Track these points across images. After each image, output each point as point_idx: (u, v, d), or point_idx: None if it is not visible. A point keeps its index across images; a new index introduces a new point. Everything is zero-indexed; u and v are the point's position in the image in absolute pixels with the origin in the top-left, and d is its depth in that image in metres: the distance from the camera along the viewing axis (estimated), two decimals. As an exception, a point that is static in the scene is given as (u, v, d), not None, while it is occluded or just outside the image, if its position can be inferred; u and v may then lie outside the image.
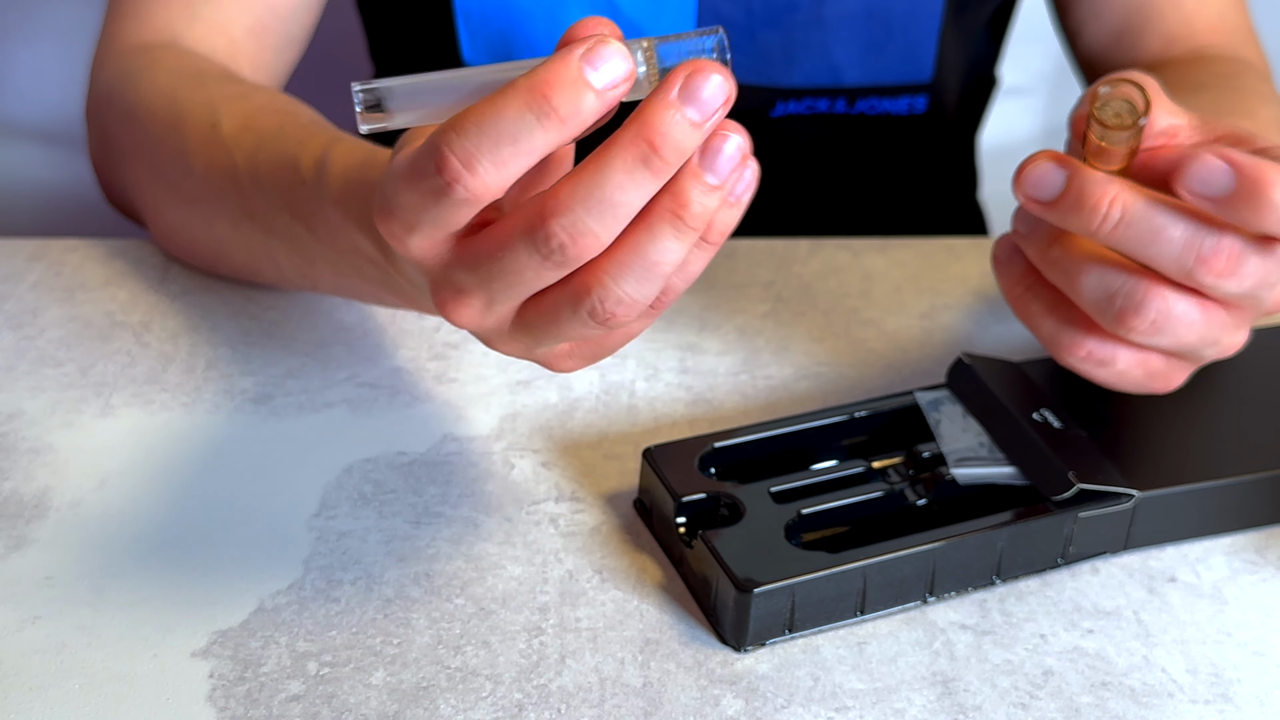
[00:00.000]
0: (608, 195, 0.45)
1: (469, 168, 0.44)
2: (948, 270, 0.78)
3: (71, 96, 1.22)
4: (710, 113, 0.44)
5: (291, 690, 0.54)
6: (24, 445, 0.65)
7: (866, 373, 0.70)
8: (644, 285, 0.47)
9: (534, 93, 0.44)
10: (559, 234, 0.45)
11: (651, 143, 0.44)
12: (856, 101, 0.87)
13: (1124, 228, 0.52)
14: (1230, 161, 0.51)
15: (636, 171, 0.44)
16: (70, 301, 0.74)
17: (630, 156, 0.44)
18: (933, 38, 0.85)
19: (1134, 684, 0.55)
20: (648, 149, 0.44)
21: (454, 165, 0.44)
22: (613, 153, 0.44)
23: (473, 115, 0.44)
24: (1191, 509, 0.61)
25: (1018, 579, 0.59)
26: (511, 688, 0.54)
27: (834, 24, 0.83)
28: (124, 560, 0.59)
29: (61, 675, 0.54)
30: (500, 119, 0.44)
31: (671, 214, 0.46)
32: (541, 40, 0.83)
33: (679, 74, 0.44)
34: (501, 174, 0.45)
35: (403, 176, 0.46)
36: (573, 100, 0.44)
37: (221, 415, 0.67)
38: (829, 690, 0.54)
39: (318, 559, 0.59)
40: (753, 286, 0.76)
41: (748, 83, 0.85)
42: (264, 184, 0.66)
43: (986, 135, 1.03)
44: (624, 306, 0.47)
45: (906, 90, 0.87)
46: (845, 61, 0.85)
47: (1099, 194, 0.52)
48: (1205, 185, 0.51)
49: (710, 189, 0.46)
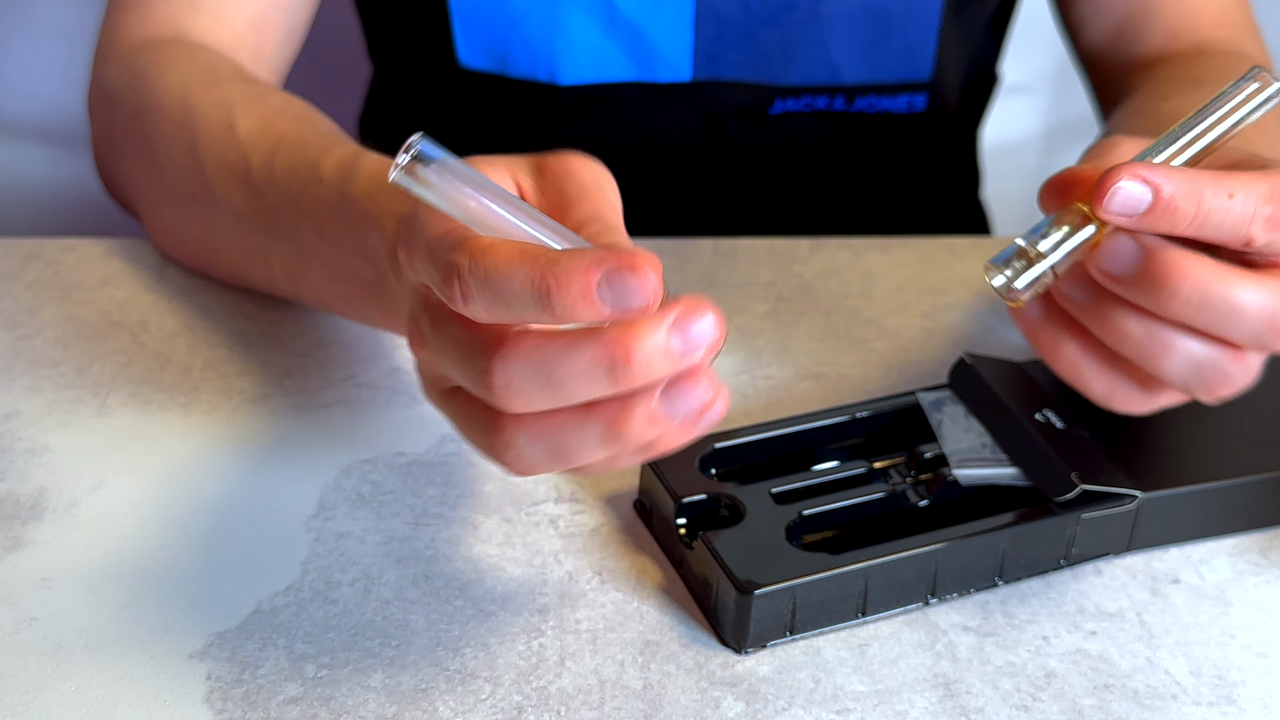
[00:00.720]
0: (557, 374, 0.44)
1: (511, 390, 0.45)
2: (950, 270, 0.78)
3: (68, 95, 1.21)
4: (693, 349, 0.44)
5: (289, 692, 0.53)
6: (20, 446, 0.64)
7: (868, 373, 0.70)
8: (550, 462, 0.47)
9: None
10: (496, 373, 0.45)
11: (626, 354, 0.43)
12: (856, 100, 0.87)
13: (1199, 309, 0.51)
14: (1143, 246, 0.50)
15: (596, 370, 0.44)
16: (67, 301, 0.74)
17: (598, 354, 0.44)
18: (932, 36, 0.85)
19: (1137, 686, 0.55)
20: (619, 358, 0.44)
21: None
22: (583, 342, 0.44)
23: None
24: (1195, 510, 0.60)
25: (1020, 580, 0.59)
26: (511, 689, 0.54)
27: (832, 22, 0.83)
28: (121, 561, 0.59)
29: (58, 677, 0.54)
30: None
31: (608, 421, 0.45)
32: (538, 40, 0.82)
33: (681, 303, 0.44)
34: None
35: (444, 335, 0.47)
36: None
37: (219, 416, 0.67)
38: (830, 692, 0.54)
39: (316, 560, 0.59)
40: (753, 286, 0.76)
41: (746, 81, 0.85)
42: (278, 184, 0.66)
43: (988, 134, 1.03)
44: (523, 463, 0.47)
45: (906, 89, 0.87)
46: (844, 60, 0.84)
47: (1177, 276, 0.50)
48: (1113, 263, 0.50)
49: (657, 421, 0.45)
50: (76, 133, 1.23)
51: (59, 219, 1.26)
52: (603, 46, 0.83)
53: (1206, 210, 0.50)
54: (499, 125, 0.87)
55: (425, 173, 0.46)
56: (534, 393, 0.45)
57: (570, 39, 0.82)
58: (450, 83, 0.86)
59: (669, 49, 0.83)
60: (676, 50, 0.83)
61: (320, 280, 0.65)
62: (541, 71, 0.84)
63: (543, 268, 0.43)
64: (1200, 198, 0.50)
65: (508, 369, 0.45)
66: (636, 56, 0.83)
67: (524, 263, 0.44)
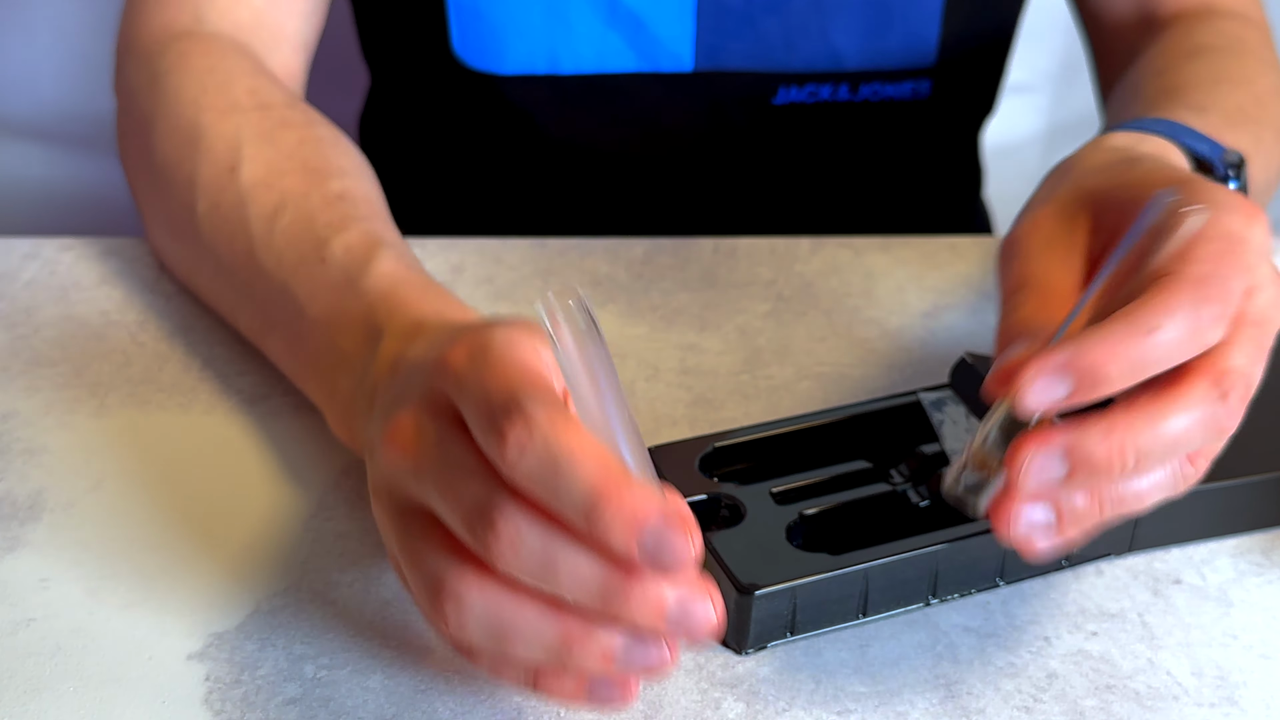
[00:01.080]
0: (559, 555, 0.44)
1: (511, 545, 0.44)
2: (951, 269, 0.78)
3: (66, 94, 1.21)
4: (686, 624, 0.44)
5: (288, 693, 0.53)
6: (18, 446, 0.64)
7: (869, 372, 0.70)
8: (485, 634, 0.46)
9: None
10: (504, 521, 0.44)
11: (630, 585, 0.44)
12: (860, 87, 0.86)
13: (1141, 463, 0.48)
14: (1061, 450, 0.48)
15: (596, 579, 0.44)
16: (65, 301, 0.73)
17: (607, 570, 0.44)
18: (935, 21, 0.84)
19: (1139, 687, 0.55)
20: (621, 585, 0.44)
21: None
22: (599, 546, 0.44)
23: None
24: (1197, 510, 0.60)
25: (1021, 581, 0.59)
26: (510, 690, 0.53)
27: (834, 9, 0.83)
28: (119, 562, 0.58)
29: (56, 678, 0.54)
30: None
31: (566, 630, 0.45)
32: (539, 36, 0.82)
33: (697, 579, 0.44)
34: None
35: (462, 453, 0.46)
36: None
37: (217, 415, 0.66)
38: (831, 693, 0.54)
39: (315, 560, 0.59)
40: (754, 285, 0.76)
41: (749, 69, 0.85)
42: (277, 249, 0.64)
43: (990, 133, 1.03)
44: (458, 621, 0.46)
45: (910, 75, 0.87)
46: (846, 46, 0.84)
47: (1107, 456, 0.48)
48: (1040, 474, 0.48)
49: (608, 660, 0.45)
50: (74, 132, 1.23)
51: (57, 218, 1.26)
52: (604, 36, 0.83)
53: (1134, 362, 0.47)
54: (497, 119, 0.87)
55: (572, 324, 0.45)
56: (528, 558, 0.44)
57: (571, 29, 0.82)
58: (447, 77, 0.86)
59: (670, 39, 0.83)
60: (678, 40, 0.83)
61: (280, 346, 0.64)
62: (541, 63, 0.84)
63: (613, 479, 0.43)
64: (1117, 356, 0.47)
65: (518, 523, 0.44)
66: (638, 46, 0.83)
67: (597, 463, 0.43)
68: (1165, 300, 0.48)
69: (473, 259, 0.76)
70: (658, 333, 0.72)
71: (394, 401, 0.50)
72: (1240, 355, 0.49)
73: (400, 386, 0.51)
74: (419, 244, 0.75)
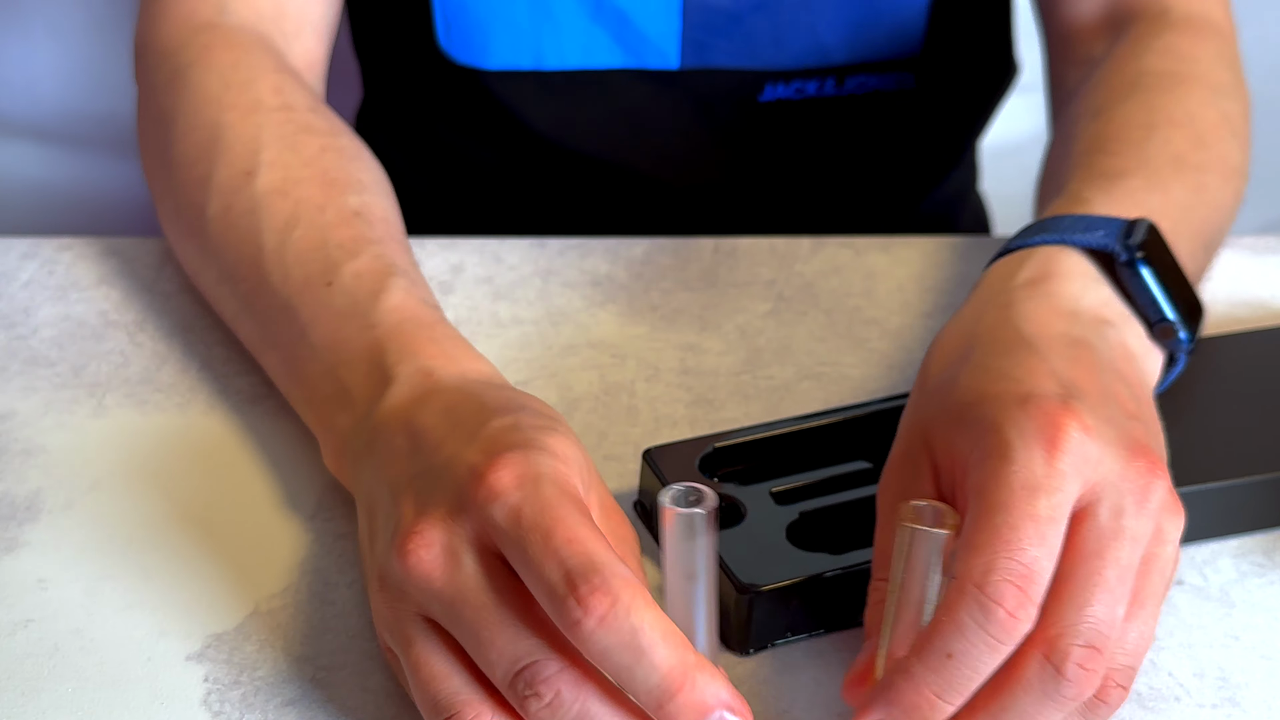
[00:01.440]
0: (597, 711, 0.45)
1: (552, 703, 0.45)
2: (952, 269, 0.77)
3: (65, 94, 1.21)
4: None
5: (287, 694, 0.53)
6: (16, 446, 0.64)
7: (869, 372, 0.70)
8: None
9: None
10: (548, 681, 0.45)
11: None
12: (846, 80, 0.86)
13: None
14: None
15: None
16: (63, 300, 0.73)
17: None
18: (922, 11, 0.84)
19: (1140, 688, 0.54)
20: None
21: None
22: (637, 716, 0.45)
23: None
24: (1198, 511, 0.60)
25: (1022, 581, 0.59)
26: (510, 692, 0.53)
27: (821, 4, 0.83)
28: (118, 563, 0.58)
29: (55, 679, 0.54)
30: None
31: None
32: (523, 31, 0.82)
33: None
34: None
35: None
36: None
37: (216, 416, 0.66)
38: (832, 693, 0.54)
39: (314, 561, 0.59)
40: (754, 285, 0.76)
41: (735, 67, 0.84)
42: (287, 264, 0.63)
43: (990, 133, 1.03)
44: None
45: (895, 66, 0.86)
46: (833, 40, 0.84)
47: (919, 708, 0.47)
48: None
49: None
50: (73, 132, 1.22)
51: (55, 218, 1.25)
52: (589, 32, 0.82)
53: (947, 686, 0.46)
54: (484, 115, 0.86)
55: (697, 521, 0.46)
56: (564, 713, 0.45)
57: (556, 24, 0.82)
58: (434, 72, 0.86)
59: (657, 36, 0.83)
60: (664, 37, 0.83)
61: (279, 366, 0.63)
62: (526, 58, 0.83)
63: (687, 669, 0.44)
64: (926, 690, 0.46)
65: (561, 685, 0.44)
66: (624, 42, 0.83)
67: (675, 650, 0.44)
68: (952, 617, 0.46)
69: (472, 258, 0.76)
70: (658, 333, 0.72)
71: (417, 499, 0.49)
72: (1071, 610, 0.46)
73: (423, 482, 0.49)
74: (418, 244, 0.75)
